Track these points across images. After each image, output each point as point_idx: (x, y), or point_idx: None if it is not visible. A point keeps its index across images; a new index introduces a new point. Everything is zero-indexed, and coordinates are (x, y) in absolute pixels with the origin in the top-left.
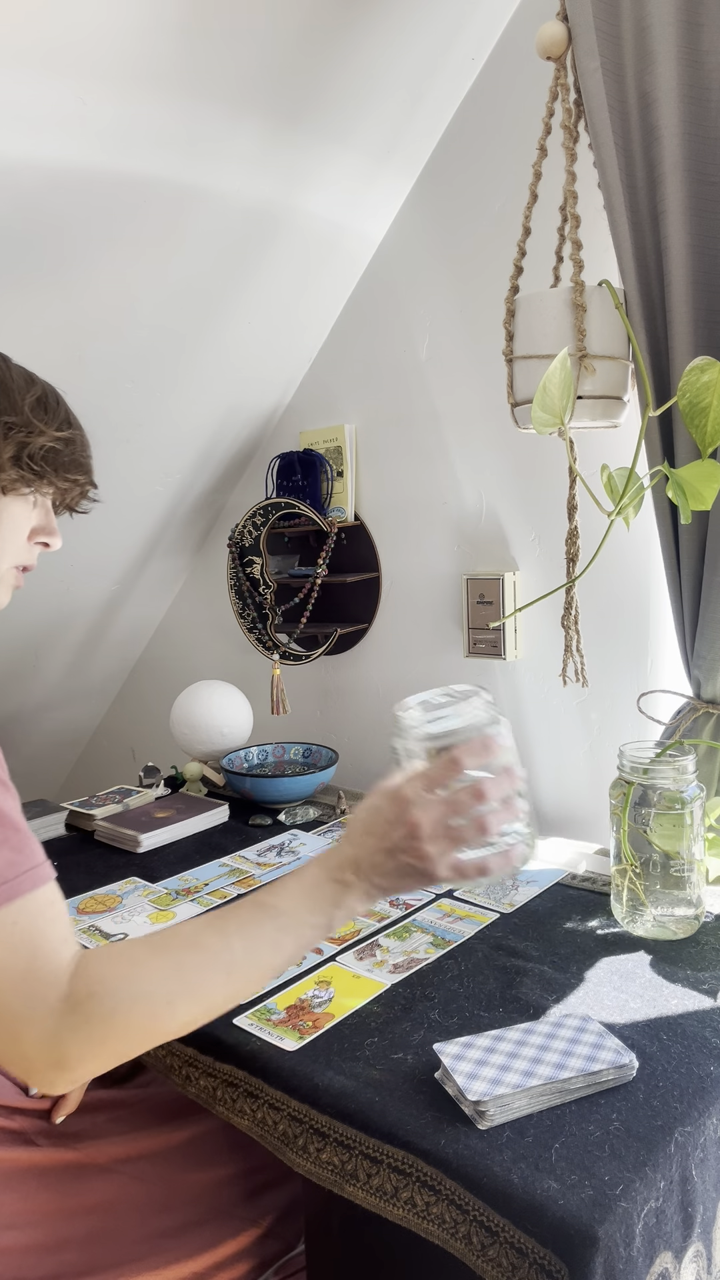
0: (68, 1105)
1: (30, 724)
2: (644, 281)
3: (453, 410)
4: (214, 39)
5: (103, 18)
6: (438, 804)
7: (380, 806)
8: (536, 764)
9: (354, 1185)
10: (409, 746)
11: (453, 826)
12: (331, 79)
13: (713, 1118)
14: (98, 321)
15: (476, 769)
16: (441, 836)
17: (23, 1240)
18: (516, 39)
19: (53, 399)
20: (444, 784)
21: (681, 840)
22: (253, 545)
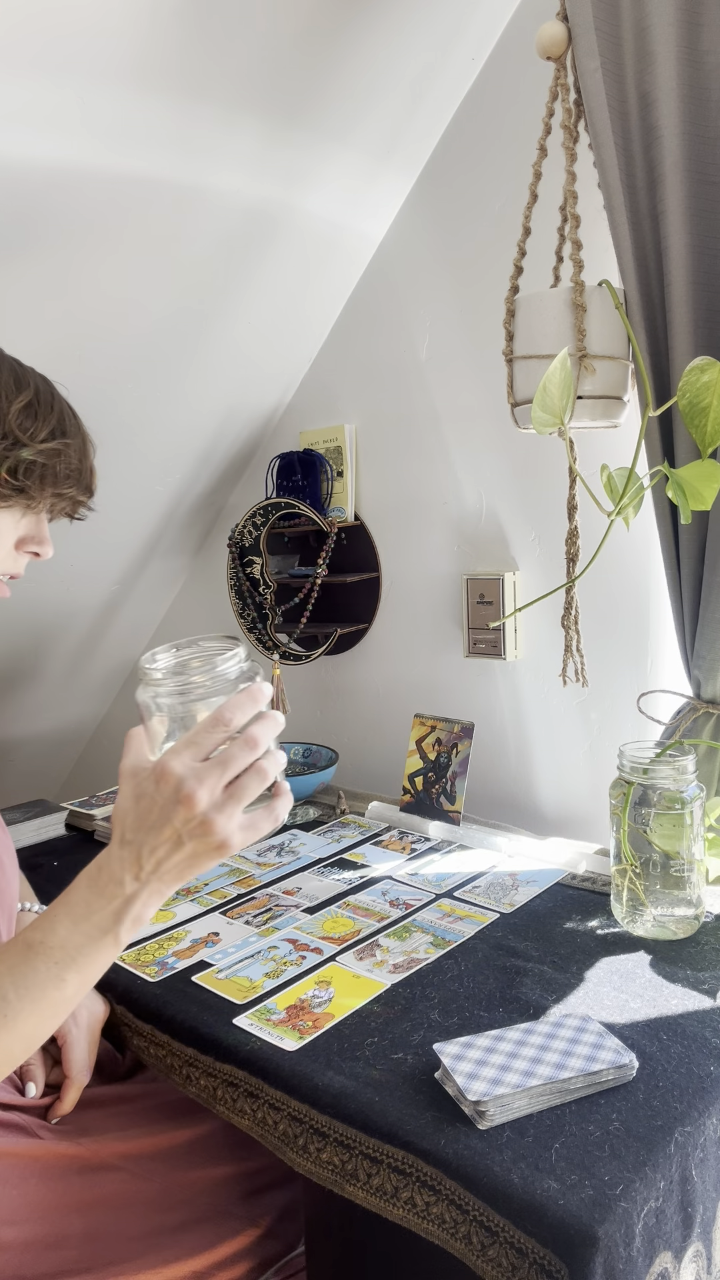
0: (64, 1106)
1: (30, 724)
2: (644, 281)
3: (453, 410)
4: (213, 39)
5: (102, 18)
6: (210, 767)
7: (145, 792)
8: (536, 764)
9: (354, 1185)
10: (159, 701)
11: (233, 785)
12: (331, 79)
13: (713, 1118)
14: (98, 321)
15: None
16: (225, 800)
17: (23, 1236)
18: (516, 39)
19: (45, 402)
20: (210, 746)
21: (681, 840)
22: (253, 545)
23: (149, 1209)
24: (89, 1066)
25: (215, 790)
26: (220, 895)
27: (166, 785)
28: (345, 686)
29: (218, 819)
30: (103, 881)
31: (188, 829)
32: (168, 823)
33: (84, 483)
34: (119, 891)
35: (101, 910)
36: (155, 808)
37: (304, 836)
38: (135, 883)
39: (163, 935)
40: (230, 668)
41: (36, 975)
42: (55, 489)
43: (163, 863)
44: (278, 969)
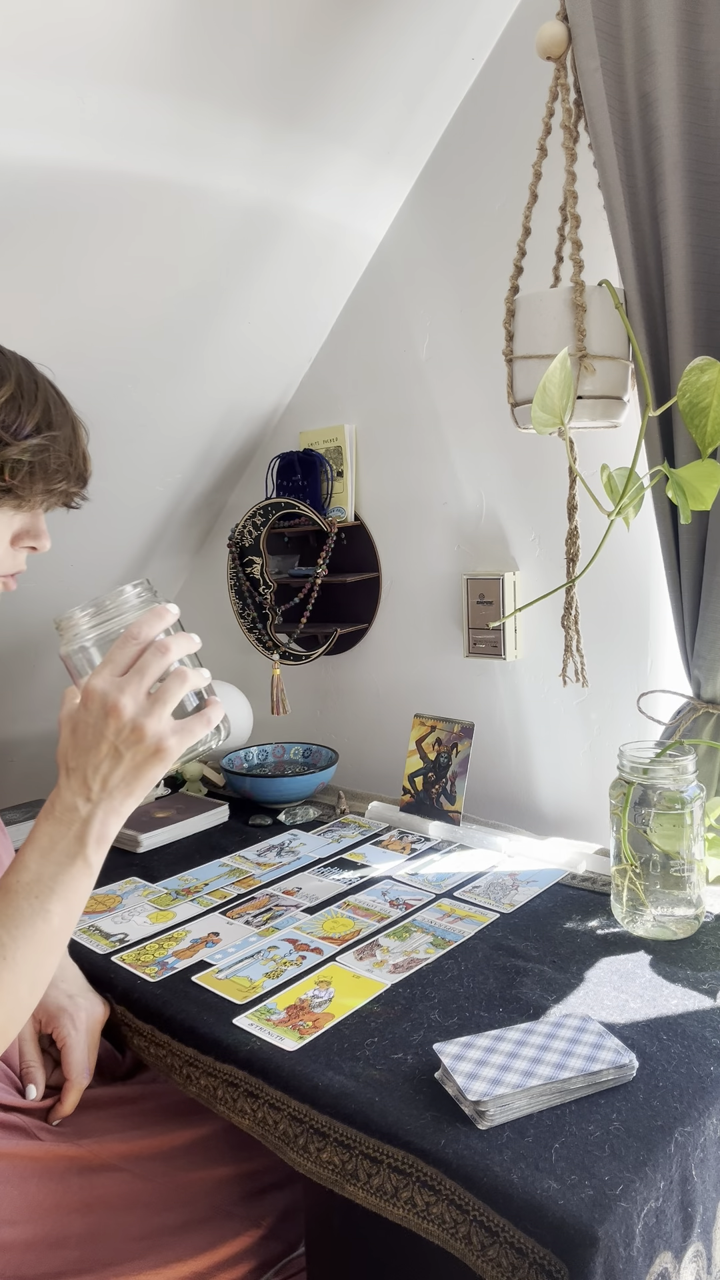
0: (65, 1108)
1: (30, 724)
2: (644, 281)
3: (453, 410)
4: (214, 39)
5: (102, 18)
6: (129, 676)
7: (76, 717)
8: (536, 764)
9: (354, 1185)
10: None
11: (155, 690)
12: (331, 79)
13: (713, 1118)
14: (97, 321)
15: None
16: (150, 705)
17: (23, 1236)
18: (516, 39)
19: (29, 394)
20: (126, 660)
21: (681, 840)
22: (253, 545)
23: (149, 1209)
24: (89, 1068)
25: (138, 696)
26: (220, 895)
27: (93, 703)
28: (345, 686)
29: (147, 722)
30: (58, 812)
31: (121, 738)
32: (102, 738)
33: (76, 472)
34: (75, 816)
35: (64, 837)
36: (88, 729)
37: (304, 836)
38: (88, 804)
39: (163, 935)
40: (130, 596)
41: (21, 914)
42: (46, 484)
43: (108, 778)
44: (278, 969)
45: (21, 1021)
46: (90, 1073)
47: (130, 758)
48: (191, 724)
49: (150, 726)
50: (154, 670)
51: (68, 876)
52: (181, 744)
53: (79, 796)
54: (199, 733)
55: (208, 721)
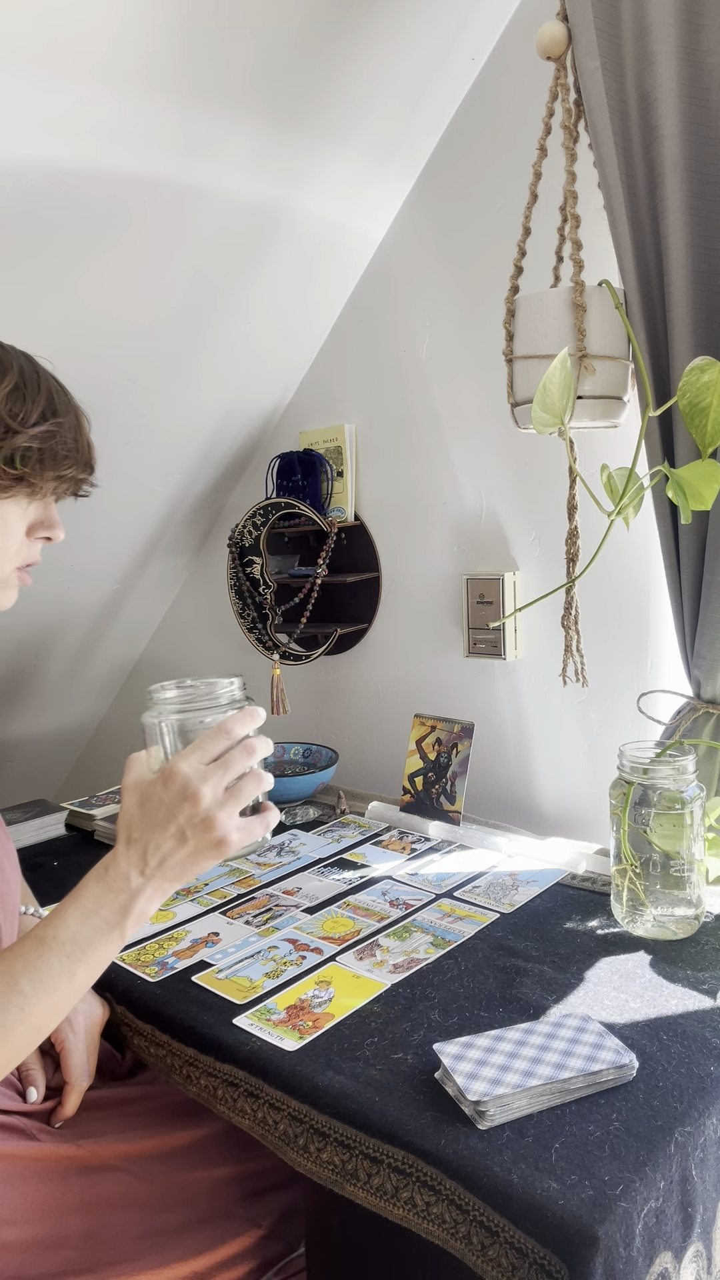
0: (65, 1110)
1: (30, 724)
2: (644, 281)
3: (453, 410)
4: (214, 39)
5: (102, 18)
6: (214, 769)
7: (153, 794)
8: (536, 764)
9: (354, 1185)
10: (162, 721)
11: (232, 786)
12: (331, 79)
13: (713, 1118)
14: (97, 321)
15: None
16: (226, 799)
17: (23, 1236)
18: (516, 39)
19: (31, 383)
20: (215, 752)
21: (681, 840)
22: (253, 545)
23: (150, 1210)
24: (89, 1071)
25: (218, 789)
26: (220, 895)
27: (174, 784)
28: (345, 686)
29: (219, 815)
30: (110, 878)
31: (191, 825)
32: (173, 819)
33: (83, 459)
34: (125, 886)
35: (109, 905)
36: (162, 807)
37: (304, 836)
38: (140, 878)
39: (163, 935)
40: (224, 692)
41: (50, 969)
42: (55, 471)
43: (166, 859)
44: (278, 969)
45: (17, 1063)
46: (90, 1075)
47: (193, 844)
48: (252, 825)
49: (221, 820)
50: (237, 768)
51: (102, 943)
52: (240, 842)
53: (134, 868)
54: (257, 835)
55: (266, 826)
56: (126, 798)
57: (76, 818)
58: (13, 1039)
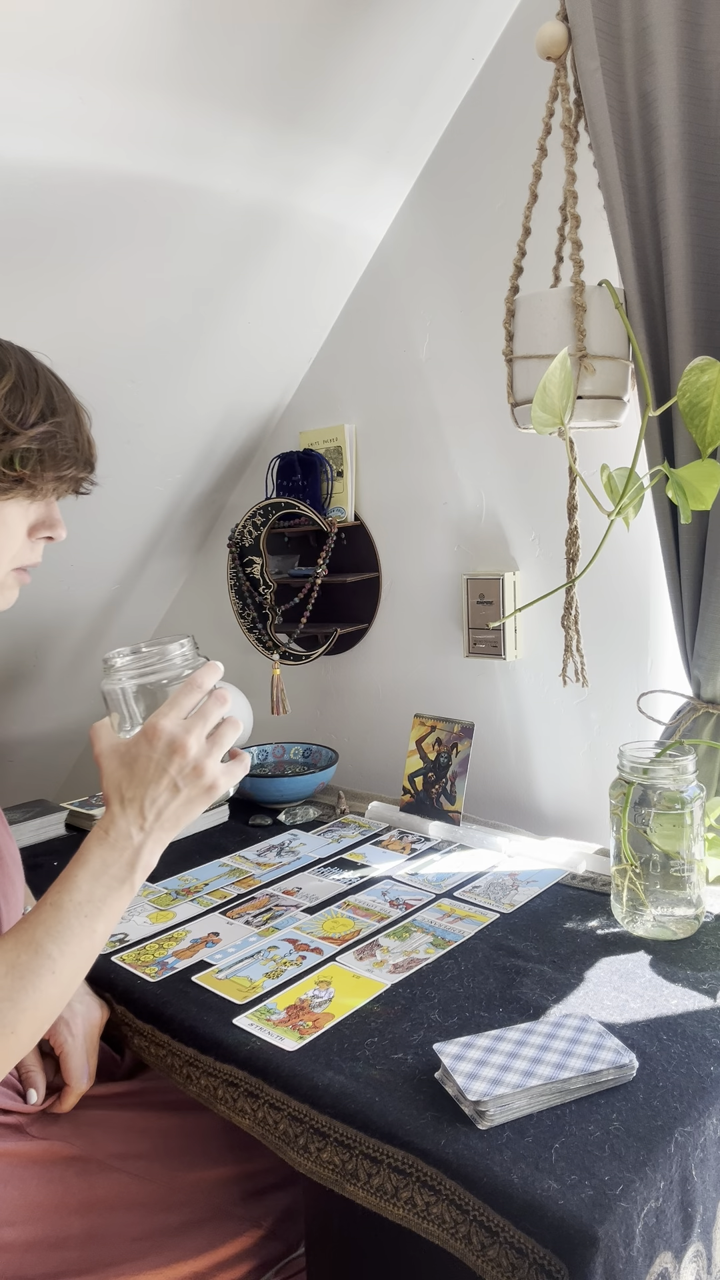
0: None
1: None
2: (644, 281)
3: (453, 410)
4: (214, 39)
5: (103, 18)
6: (194, 719)
7: (138, 753)
8: (536, 764)
9: (354, 1185)
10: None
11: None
12: (331, 79)
13: (713, 1118)
14: (97, 321)
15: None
16: (210, 746)
17: (23, 1237)
18: (516, 39)
19: (30, 382)
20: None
21: (681, 840)
22: (253, 545)
23: (149, 1210)
24: (89, 1073)
25: (201, 738)
26: (220, 895)
27: (159, 740)
28: (345, 686)
29: (207, 763)
30: (112, 838)
31: (182, 775)
32: (164, 772)
33: (83, 458)
34: (128, 844)
35: (116, 862)
36: (151, 763)
37: (304, 836)
38: (141, 833)
39: (163, 935)
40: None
41: (71, 931)
42: (56, 471)
43: (163, 811)
44: (278, 969)
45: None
46: (91, 1077)
47: (186, 793)
48: (234, 767)
49: (209, 766)
50: (214, 717)
51: (115, 898)
52: (227, 783)
53: (134, 825)
54: (239, 775)
55: (244, 765)
56: (106, 763)
57: (76, 818)
58: (48, 997)
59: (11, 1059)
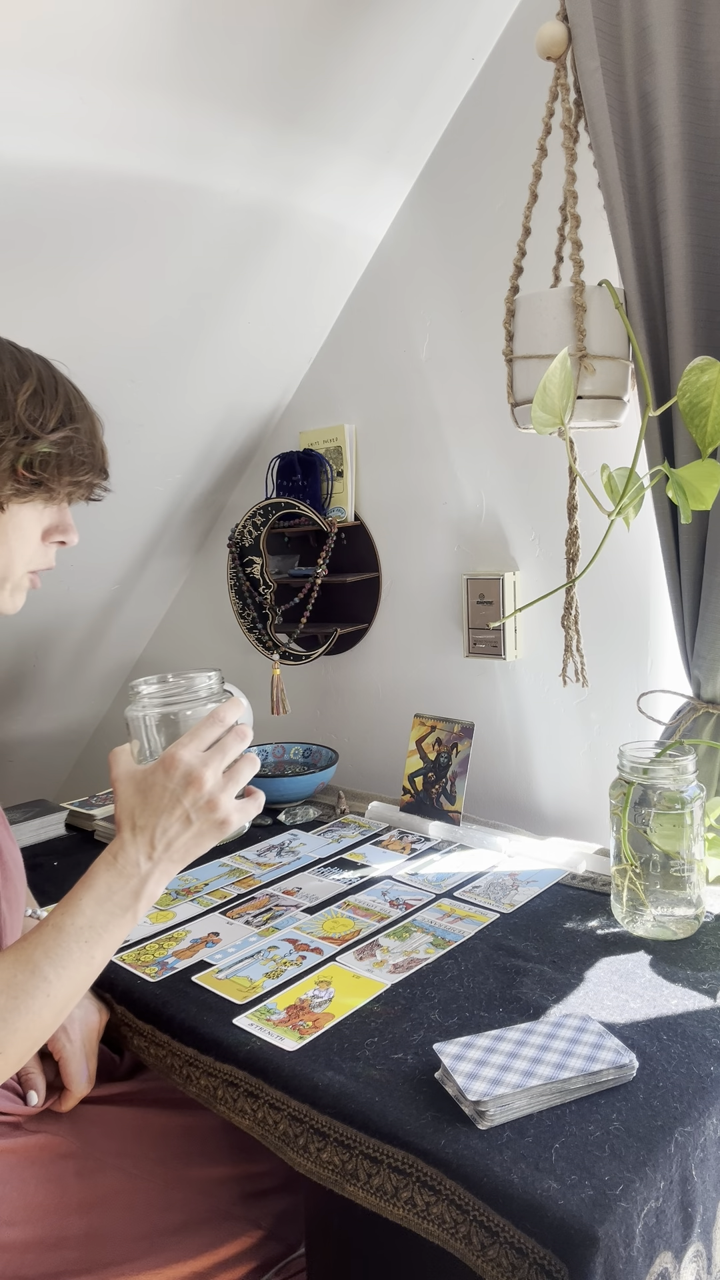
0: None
1: (30, 724)
2: (644, 281)
3: (453, 410)
4: (214, 39)
5: (103, 18)
6: (213, 754)
7: (154, 782)
8: (536, 764)
9: (354, 1185)
10: (146, 714)
11: (229, 770)
12: (331, 79)
13: (713, 1118)
14: (97, 321)
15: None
16: (225, 782)
17: (23, 1237)
18: (516, 39)
19: (49, 388)
20: (211, 739)
21: (681, 840)
22: (253, 545)
23: (149, 1209)
24: (88, 1078)
25: (218, 773)
26: (220, 895)
27: (176, 771)
28: (345, 686)
29: (221, 798)
30: (120, 864)
31: (196, 808)
32: (178, 804)
33: (98, 464)
34: (135, 871)
35: (121, 890)
36: (165, 793)
37: (304, 836)
38: (149, 862)
39: (163, 935)
40: (204, 685)
41: (70, 955)
42: (72, 476)
43: (173, 842)
44: (278, 969)
45: (39, 1045)
46: (90, 1081)
47: (198, 826)
48: (247, 805)
49: (223, 801)
50: (233, 752)
51: (117, 925)
52: (240, 820)
53: (143, 853)
54: (252, 813)
55: (258, 805)
56: (121, 789)
57: (76, 818)
58: (40, 1019)
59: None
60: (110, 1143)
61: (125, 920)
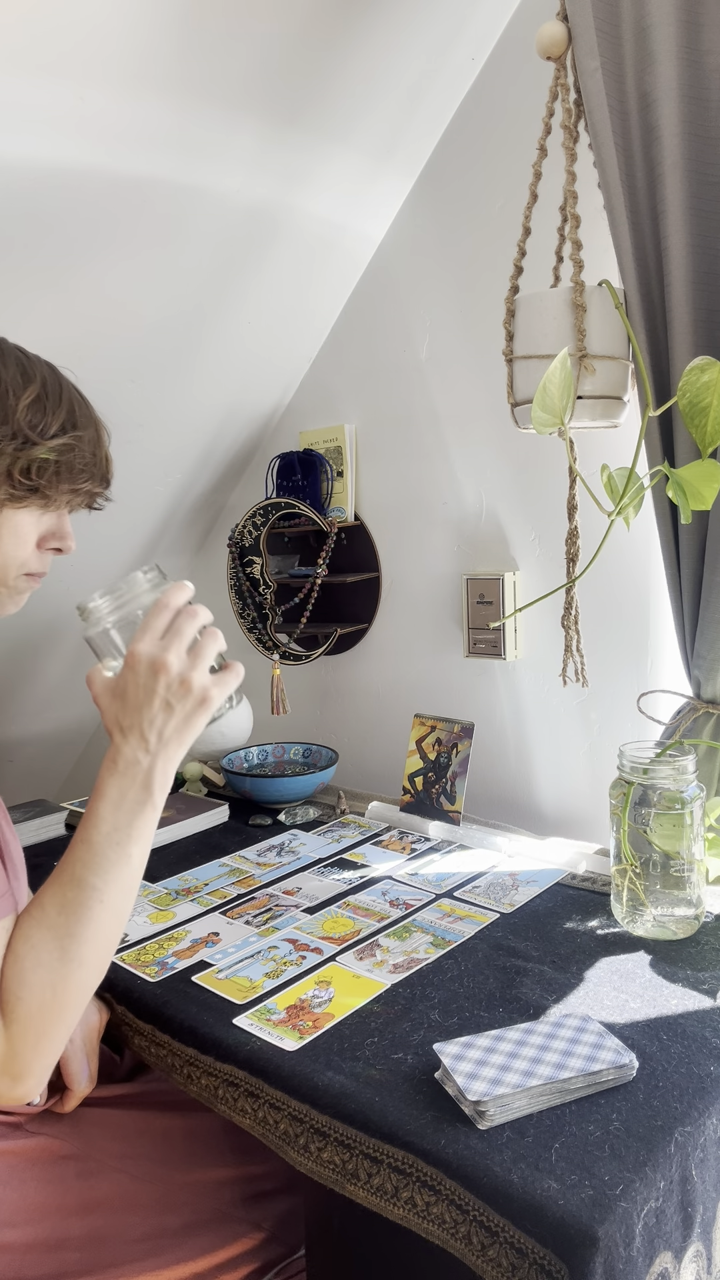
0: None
1: (30, 724)
2: (644, 281)
3: (453, 410)
4: (214, 39)
5: (102, 18)
6: (169, 637)
7: (125, 683)
8: (536, 764)
9: (355, 1184)
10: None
11: (192, 648)
12: (331, 79)
13: (713, 1118)
14: (98, 321)
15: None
16: (192, 660)
17: (23, 1238)
18: (516, 39)
19: (53, 394)
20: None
21: (681, 840)
22: (253, 545)
23: (150, 1211)
24: (89, 1077)
25: (181, 654)
26: (220, 895)
27: (140, 665)
28: (345, 686)
29: (192, 675)
30: (121, 767)
31: (171, 692)
32: (153, 694)
33: (99, 473)
34: (138, 769)
35: (131, 789)
36: (139, 689)
37: (304, 836)
38: (147, 755)
39: (163, 935)
40: (146, 579)
41: (108, 860)
42: (71, 484)
43: (163, 730)
44: (278, 969)
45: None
46: (92, 1080)
47: (180, 709)
48: (225, 676)
49: (195, 679)
50: (189, 631)
51: (141, 821)
52: (220, 694)
53: (139, 750)
54: (232, 684)
55: (237, 675)
56: (102, 702)
57: (76, 818)
58: (103, 926)
59: (88, 987)
60: (111, 1144)
61: (146, 813)
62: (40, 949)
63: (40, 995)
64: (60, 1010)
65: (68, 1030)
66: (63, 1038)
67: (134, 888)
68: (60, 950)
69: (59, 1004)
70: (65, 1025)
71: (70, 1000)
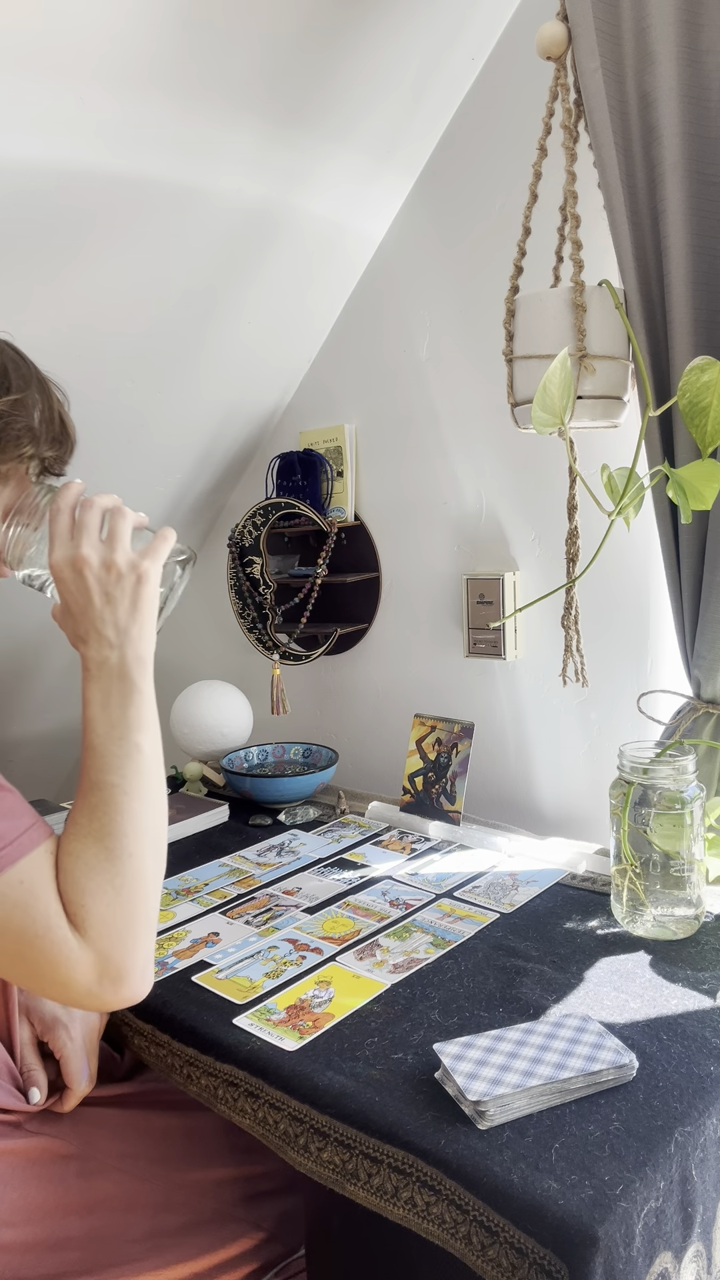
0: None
1: (30, 724)
2: (644, 281)
3: (453, 410)
4: (214, 39)
5: (102, 17)
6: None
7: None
8: (536, 764)
9: (354, 1184)
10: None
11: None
12: (332, 79)
13: (713, 1118)
14: (97, 321)
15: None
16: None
17: (23, 1238)
18: (516, 39)
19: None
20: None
21: (681, 840)
22: (253, 545)
23: (150, 1211)
24: (89, 1075)
25: (94, 543)
26: (220, 895)
27: (63, 571)
28: (345, 686)
29: (115, 557)
30: (94, 671)
31: (103, 582)
32: (86, 592)
33: (50, 435)
34: (109, 666)
35: (112, 684)
36: (73, 593)
37: (304, 836)
38: (113, 650)
39: (163, 935)
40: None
41: (118, 756)
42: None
43: (116, 620)
44: (278, 969)
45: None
46: (91, 1079)
47: (121, 594)
48: (153, 545)
49: (119, 559)
50: (92, 521)
51: (134, 710)
52: (154, 564)
53: (102, 649)
54: (162, 550)
55: (166, 539)
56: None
57: None
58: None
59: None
60: (111, 1144)
61: (136, 700)
62: (85, 855)
63: (104, 897)
64: (131, 905)
65: (148, 923)
66: (145, 931)
67: (156, 772)
68: (105, 850)
69: (126, 899)
70: (143, 918)
71: (137, 893)
